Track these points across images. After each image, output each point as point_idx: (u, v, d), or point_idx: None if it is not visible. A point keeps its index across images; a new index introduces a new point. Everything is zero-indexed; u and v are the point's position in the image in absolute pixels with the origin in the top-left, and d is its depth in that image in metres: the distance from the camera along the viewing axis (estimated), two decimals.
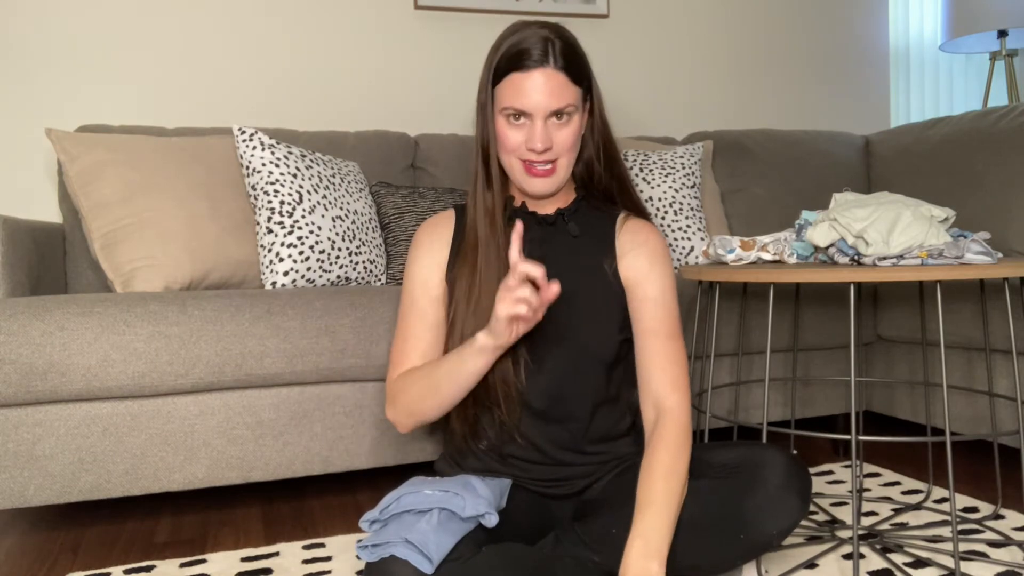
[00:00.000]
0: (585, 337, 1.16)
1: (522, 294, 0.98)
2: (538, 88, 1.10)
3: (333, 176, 1.92)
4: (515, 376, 1.14)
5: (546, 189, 1.17)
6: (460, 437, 1.20)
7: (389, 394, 1.21)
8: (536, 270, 0.98)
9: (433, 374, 1.13)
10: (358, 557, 1.38)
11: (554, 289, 0.99)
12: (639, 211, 1.28)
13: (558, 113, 1.12)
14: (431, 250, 1.25)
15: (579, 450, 1.18)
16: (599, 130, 1.23)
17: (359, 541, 1.00)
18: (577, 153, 1.20)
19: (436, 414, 1.17)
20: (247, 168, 1.84)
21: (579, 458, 1.18)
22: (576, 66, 1.14)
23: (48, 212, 2.16)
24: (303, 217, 1.80)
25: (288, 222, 1.79)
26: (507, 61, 1.11)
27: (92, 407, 1.44)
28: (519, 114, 1.12)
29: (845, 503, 1.61)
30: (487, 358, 1.07)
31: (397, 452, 1.63)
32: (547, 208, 1.24)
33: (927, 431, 1.75)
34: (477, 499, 1.01)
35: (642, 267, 1.20)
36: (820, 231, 1.36)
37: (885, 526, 1.47)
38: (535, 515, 1.18)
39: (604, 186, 1.27)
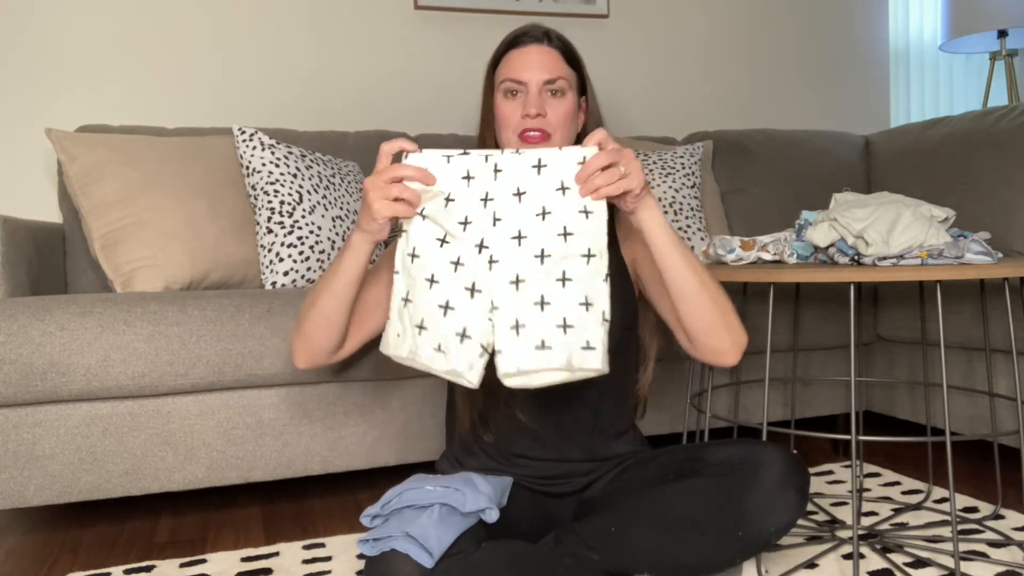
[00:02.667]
0: None
1: (393, 182, 0.97)
2: (532, 59, 1.17)
3: (333, 176, 1.92)
4: None
5: None
6: (467, 428, 1.20)
7: None
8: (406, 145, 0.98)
9: (315, 286, 1.14)
10: (359, 557, 1.38)
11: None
12: None
13: (551, 84, 1.16)
14: None
15: (583, 441, 1.19)
16: (595, 127, 1.26)
17: (360, 537, 1.01)
18: (572, 136, 1.22)
19: (319, 333, 1.14)
20: (247, 168, 1.84)
21: (582, 451, 1.19)
22: (571, 52, 1.21)
23: (48, 212, 2.16)
24: (303, 217, 1.80)
25: (288, 222, 1.79)
26: (506, 45, 1.20)
27: (92, 407, 1.44)
28: (515, 85, 1.17)
29: (845, 503, 1.61)
30: (362, 249, 1.06)
31: (397, 452, 1.63)
32: None
33: (927, 431, 1.75)
34: (478, 495, 1.01)
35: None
36: (820, 231, 1.36)
37: (885, 526, 1.47)
38: (535, 514, 1.18)
39: None
